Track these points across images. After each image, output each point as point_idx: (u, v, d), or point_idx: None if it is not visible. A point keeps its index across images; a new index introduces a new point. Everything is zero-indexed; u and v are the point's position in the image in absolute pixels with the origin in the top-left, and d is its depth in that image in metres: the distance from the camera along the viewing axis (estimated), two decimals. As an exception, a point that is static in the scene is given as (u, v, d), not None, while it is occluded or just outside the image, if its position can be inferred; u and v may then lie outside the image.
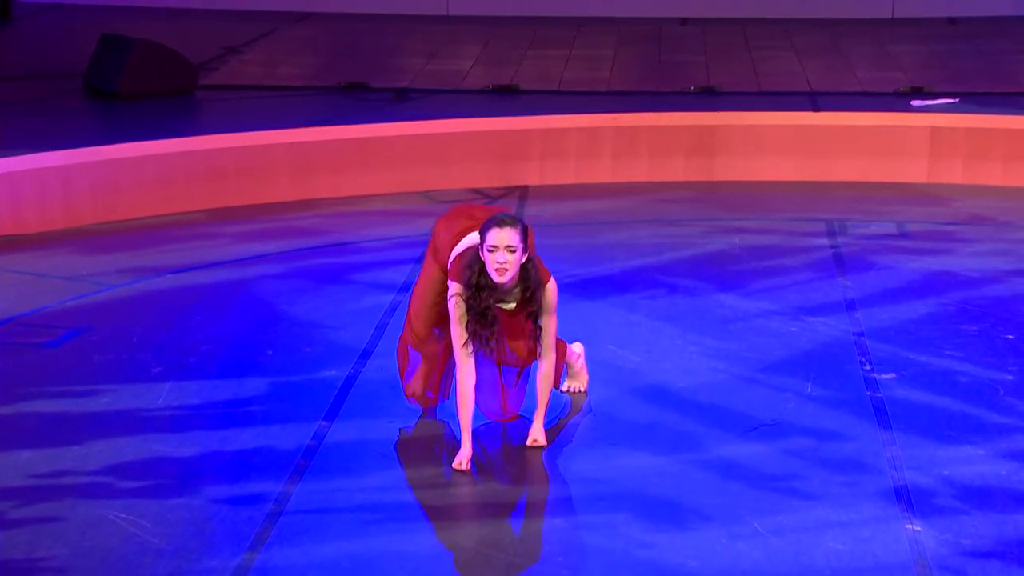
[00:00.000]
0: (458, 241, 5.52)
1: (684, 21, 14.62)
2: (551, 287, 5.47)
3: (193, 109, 10.61)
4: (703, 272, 7.72)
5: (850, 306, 7.15)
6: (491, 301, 5.37)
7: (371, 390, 6.08)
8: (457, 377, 5.45)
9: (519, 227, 5.33)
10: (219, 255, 8.03)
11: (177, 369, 6.29)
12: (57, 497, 5.12)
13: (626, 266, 7.83)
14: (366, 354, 6.47)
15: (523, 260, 5.35)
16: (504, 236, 5.29)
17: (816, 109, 10.28)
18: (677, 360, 6.42)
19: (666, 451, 5.52)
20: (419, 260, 7.86)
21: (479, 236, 5.36)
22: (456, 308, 5.38)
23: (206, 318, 6.96)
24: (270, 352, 6.52)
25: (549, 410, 5.66)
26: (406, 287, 7.40)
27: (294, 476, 5.30)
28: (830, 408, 5.90)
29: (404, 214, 8.94)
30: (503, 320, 5.43)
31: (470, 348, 5.39)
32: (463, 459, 5.39)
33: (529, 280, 5.39)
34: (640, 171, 9.77)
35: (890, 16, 14.82)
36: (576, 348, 6.01)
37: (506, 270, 5.31)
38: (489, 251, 5.30)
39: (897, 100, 10.65)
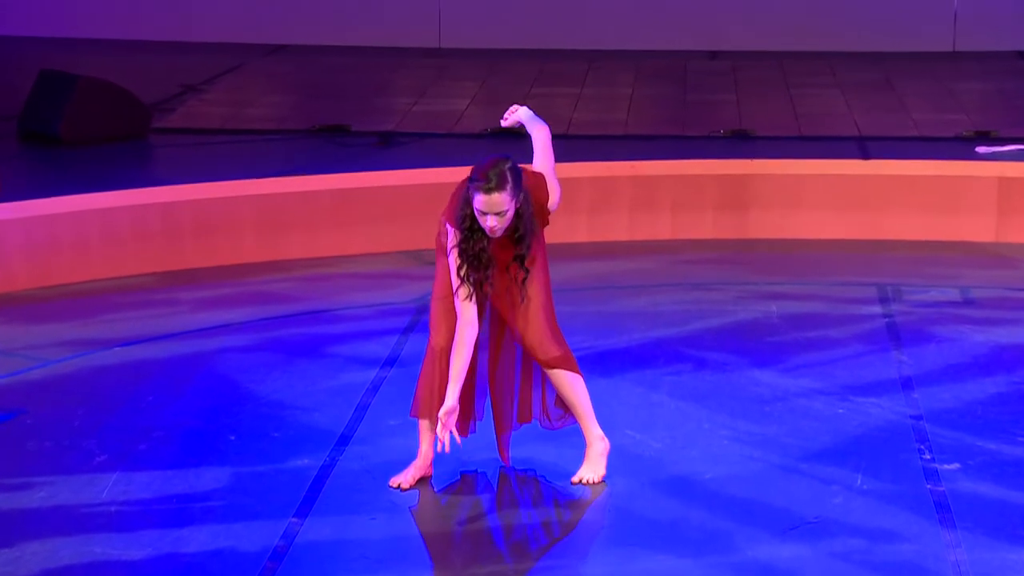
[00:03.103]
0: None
1: (713, 55, 14.72)
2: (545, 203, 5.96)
3: (146, 156, 10.65)
4: (735, 345, 7.72)
5: (906, 384, 7.15)
6: (485, 243, 5.78)
7: (349, 481, 6.08)
8: (457, 327, 5.82)
9: (507, 188, 5.70)
10: (174, 325, 8.04)
11: (125, 458, 6.28)
12: (-17, 607, 5.11)
13: (646, 337, 7.83)
14: (344, 440, 6.47)
15: (517, 208, 5.75)
16: (492, 203, 5.71)
17: (866, 156, 10.33)
18: (705, 447, 6.42)
19: (692, 552, 5.51)
20: (405, 331, 7.88)
21: (468, 191, 5.74)
22: (454, 260, 5.81)
23: (159, 398, 6.96)
24: (233, 438, 6.52)
25: (557, 506, 5.67)
26: (391, 362, 7.41)
27: (260, 583, 5.29)
28: (884, 503, 5.89)
29: (389, 277, 8.95)
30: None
31: (466, 292, 5.79)
32: (445, 413, 5.71)
33: (521, 225, 5.80)
34: (662, 228, 9.79)
35: (951, 50, 14.92)
36: (599, 439, 6.04)
37: (497, 230, 5.75)
38: (479, 213, 5.72)
39: (960, 146, 10.69)
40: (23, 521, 5.72)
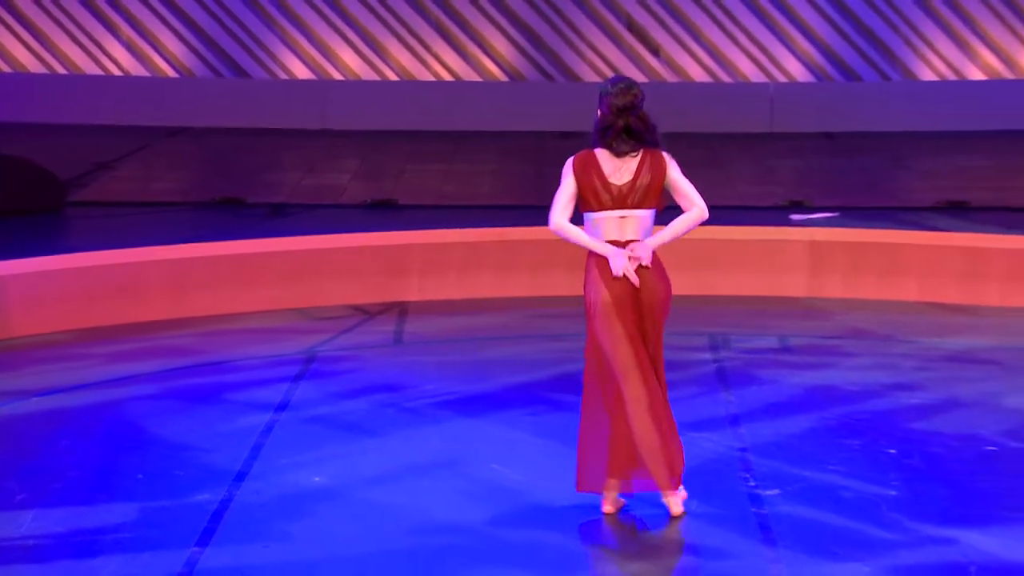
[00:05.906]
0: None
1: (566, 135, 14.85)
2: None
3: (62, 226, 10.50)
4: (586, 388, 7.73)
5: (733, 421, 7.21)
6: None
7: (247, 514, 6.00)
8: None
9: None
10: (87, 376, 7.91)
11: (41, 496, 6.16)
12: (-88, 633, 4.97)
13: (508, 382, 7.83)
14: (240, 476, 6.40)
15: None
16: None
17: (696, 223, 10.43)
18: (562, 479, 6.41)
19: (548, 571, 5.50)
20: (295, 379, 7.81)
21: None
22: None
23: (72, 443, 6.84)
24: (139, 476, 6.42)
25: (425, 533, 5.61)
26: (282, 407, 7.34)
27: (164, 606, 5.20)
28: (714, 525, 5.92)
29: (281, 331, 8.89)
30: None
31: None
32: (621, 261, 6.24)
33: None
34: (522, 286, 9.82)
35: (768, 131, 15.17)
36: None
37: None
38: None
39: (777, 214, 10.85)
40: (-51, 554, 5.58)
